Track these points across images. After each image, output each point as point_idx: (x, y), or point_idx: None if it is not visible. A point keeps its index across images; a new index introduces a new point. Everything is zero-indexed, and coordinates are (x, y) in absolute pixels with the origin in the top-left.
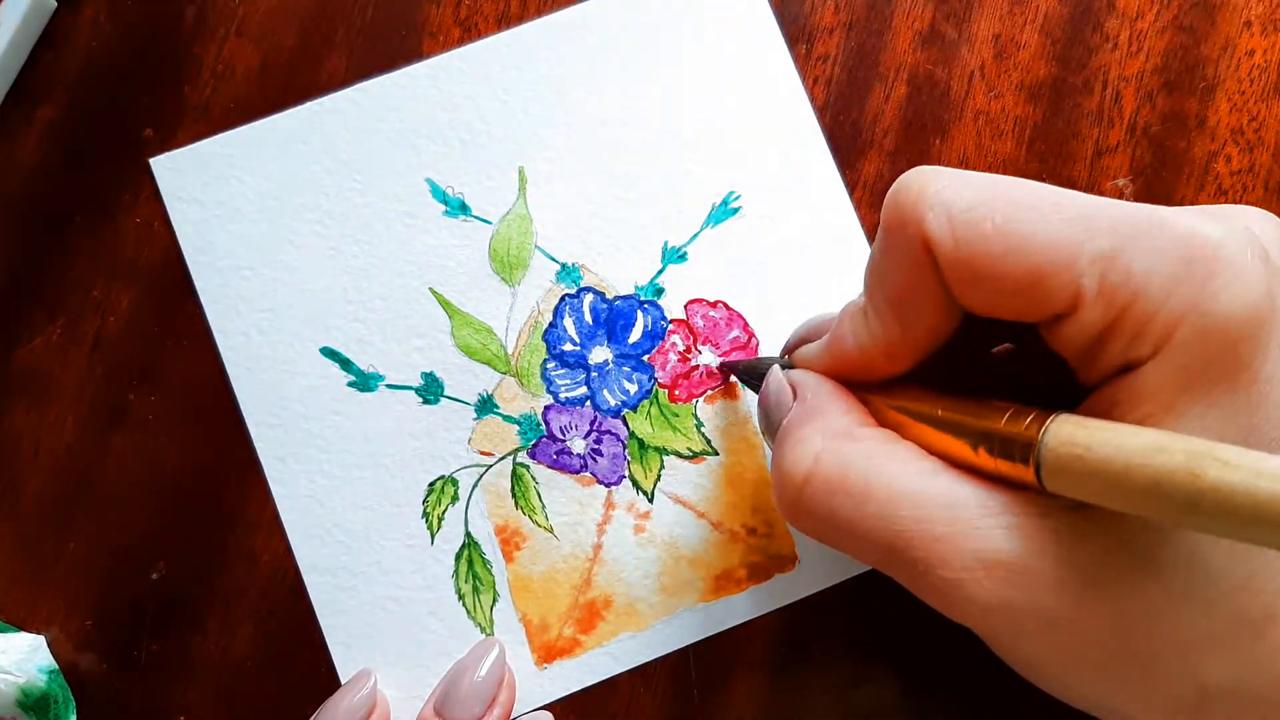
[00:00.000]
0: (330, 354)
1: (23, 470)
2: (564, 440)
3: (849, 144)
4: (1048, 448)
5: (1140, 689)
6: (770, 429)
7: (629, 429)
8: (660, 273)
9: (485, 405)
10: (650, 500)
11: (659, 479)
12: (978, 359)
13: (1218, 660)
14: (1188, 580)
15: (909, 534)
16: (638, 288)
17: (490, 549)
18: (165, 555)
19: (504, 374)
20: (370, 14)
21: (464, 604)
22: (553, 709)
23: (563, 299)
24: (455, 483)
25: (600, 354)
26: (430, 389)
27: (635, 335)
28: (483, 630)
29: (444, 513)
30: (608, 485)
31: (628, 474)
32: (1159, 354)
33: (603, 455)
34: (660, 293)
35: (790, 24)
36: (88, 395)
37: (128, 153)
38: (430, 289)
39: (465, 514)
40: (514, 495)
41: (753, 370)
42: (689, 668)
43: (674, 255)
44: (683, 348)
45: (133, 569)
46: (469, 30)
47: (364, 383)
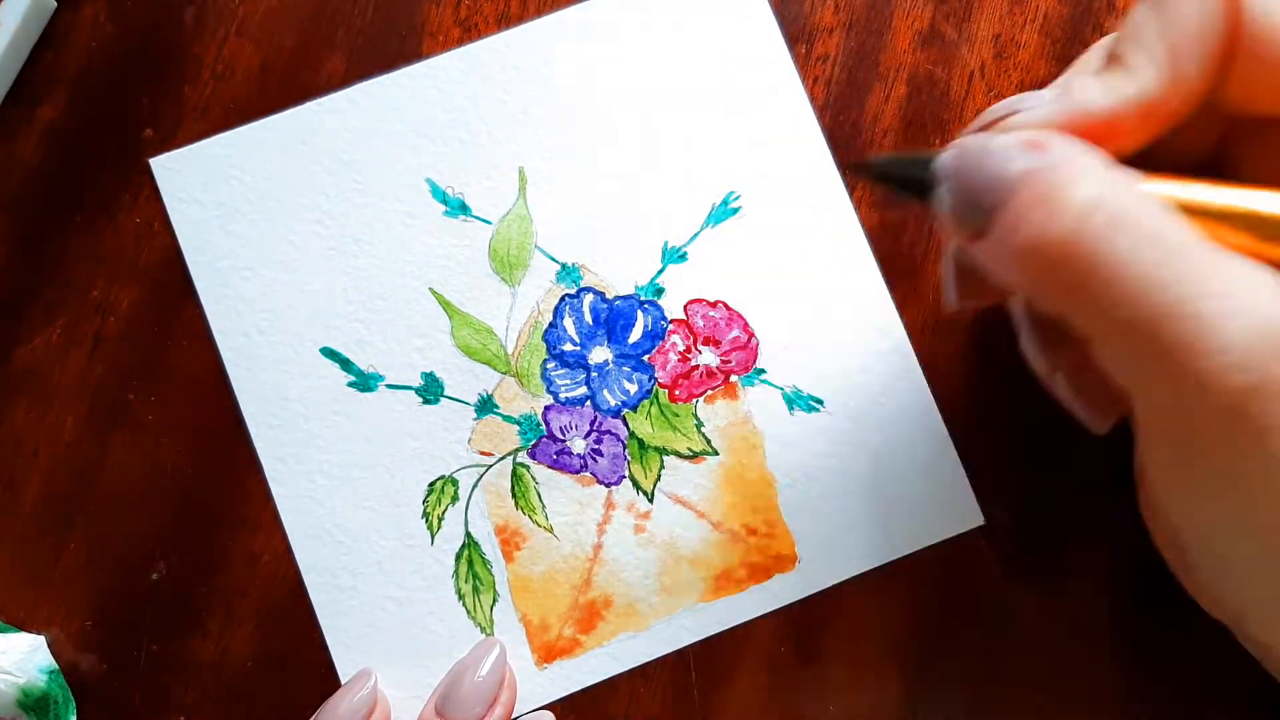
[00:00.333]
0: (330, 354)
1: (23, 470)
2: (564, 440)
3: (849, 144)
4: None
5: None
6: (971, 203)
7: (629, 429)
8: (660, 273)
9: (485, 405)
10: (650, 500)
11: (659, 479)
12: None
13: None
14: None
15: (1193, 289)
16: (638, 288)
17: (490, 549)
18: (165, 555)
19: (504, 374)
20: (370, 14)
21: (464, 604)
22: (553, 709)
23: (563, 299)
24: (455, 483)
25: (600, 354)
26: (430, 389)
27: (635, 335)
28: (483, 630)
29: (444, 513)
30: (608, 485)
31: (628, 474)
32: None
33: (603, 455)
34: (660, 293)
35: (790, 24)
36: (88, 395)
37: (128, 153)
38: (430, 289)
39: (465, 514)
40: (514, 495)
41: (907, 166)
42: (689, 668)
43: (674, 255)
44: (683, 348)
45: (133, 569)
46: (469, 30)
47: (364, 383)
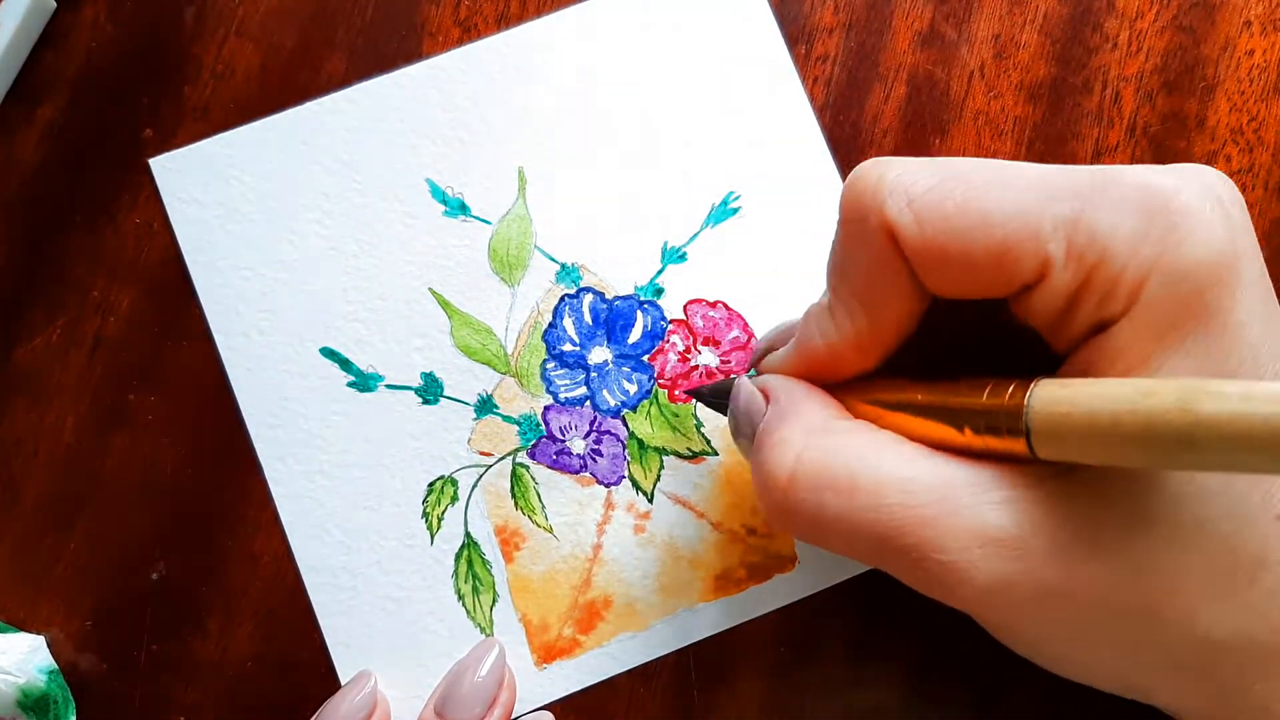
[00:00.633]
0: (330, 354)
1: (23, 470)
2: (564, 440)
3: (849, 144)
4: (1034, 411)
5: (1143, 651)
6: (746, 438)
7: (629, 429)
8: (660, 273)
9: (485, 405)
10: (650, 500)
11: (659, 479)
12: (945, 348)
13: (1216, 611)
14: (1176, 530)
15: (900, 521)
16: (638, 288)
17: (490, 549)
18: (165, 555)
19: (504, 374)
20: (370, 14)
21: (464, 604)
22: (553, 709)
23: (562, 299)
24: (455, 483)
25: (600, 354)
26: (430, 389)
27: (635, 335)
28: (482, 630)
29: (444, 513)
30: (607, 485)
31: (627, 474)
32: (1130, 310)
33: (602, 455)
34: (660, 293)
35: (790, 24)
36: (88, 395)
37: (128, 153)
38: (430, 289)
39: (465, 514)
40: (514, 495)
41: (720, 392)
42: (689, 668)
43: (674, 255)
44: (682, 348)
45: (133, 569)
46: (469, 30)
47: (364, 383)
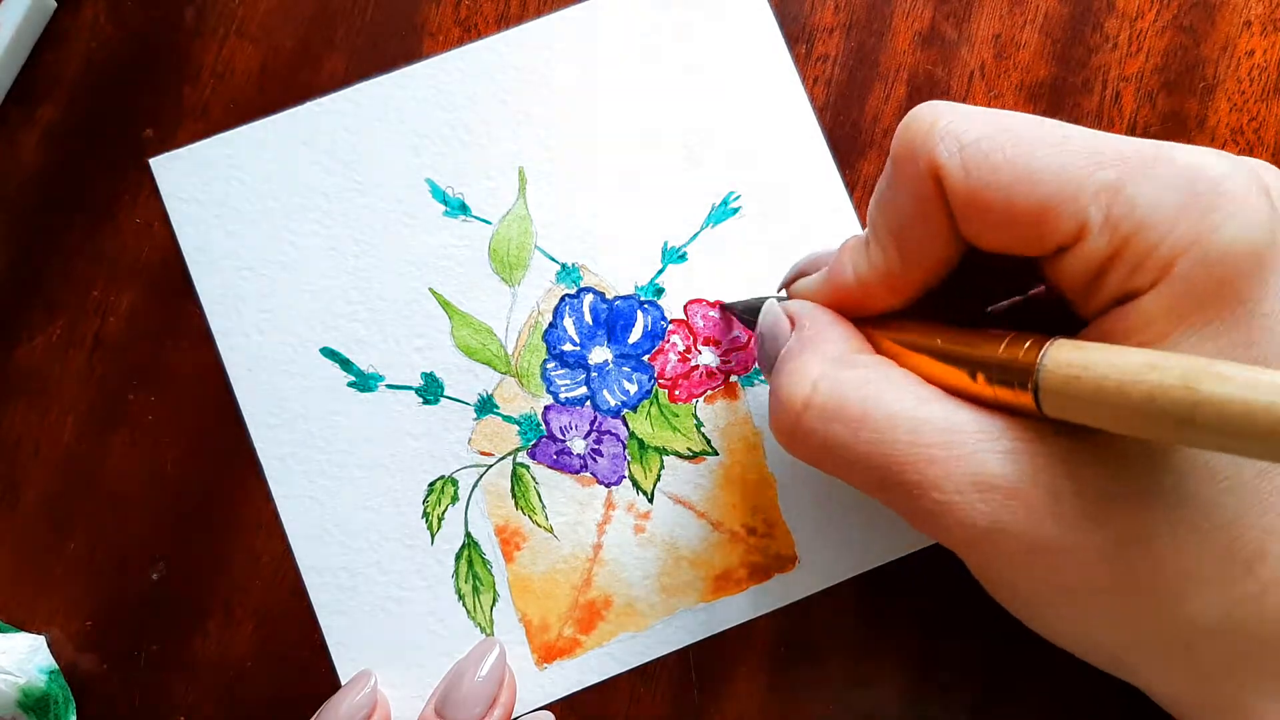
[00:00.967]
0: (330, 354)
1: (23, 470)
2: (564, 440)
3: (849, 144)
4: (1045, 369)
5: (1128, 624)
6: (767, 362)
7: (629, 429)
8: (660, 273)
9: (485, 405)
10: (650, 500)
11: (659, 479)
12: (971, 308)
13: (1208, 595)
14: (1180, 511)
15: (904, 457)
16: (638, 288)
17: (490, 549)
18: (165, 555)
19: (504, 374)
20: (370, 14)
21: (464, 604)
22: (553, 709)
23: (563, 299)
24: (455, 483)
25: (600, 354)
26: (430, 389)
27: (635, 335)
28: (483, 630)
29: (444, 513)
30: (608, 485)
31: (628, 474)
32: (1158, 284)
33: (603, 455)
34: (660, 293)
35: (790, 24)
36: (88, 395)
37: (128, 153)
38: (430, 289)
39: (465, 514)
40: (514, 495)
41: (751, 309)
42: (689, 668)
43: (674, 255)
44: (683, 348)
45: (133, 569)
46: (469, 30)
47: (364, 383)
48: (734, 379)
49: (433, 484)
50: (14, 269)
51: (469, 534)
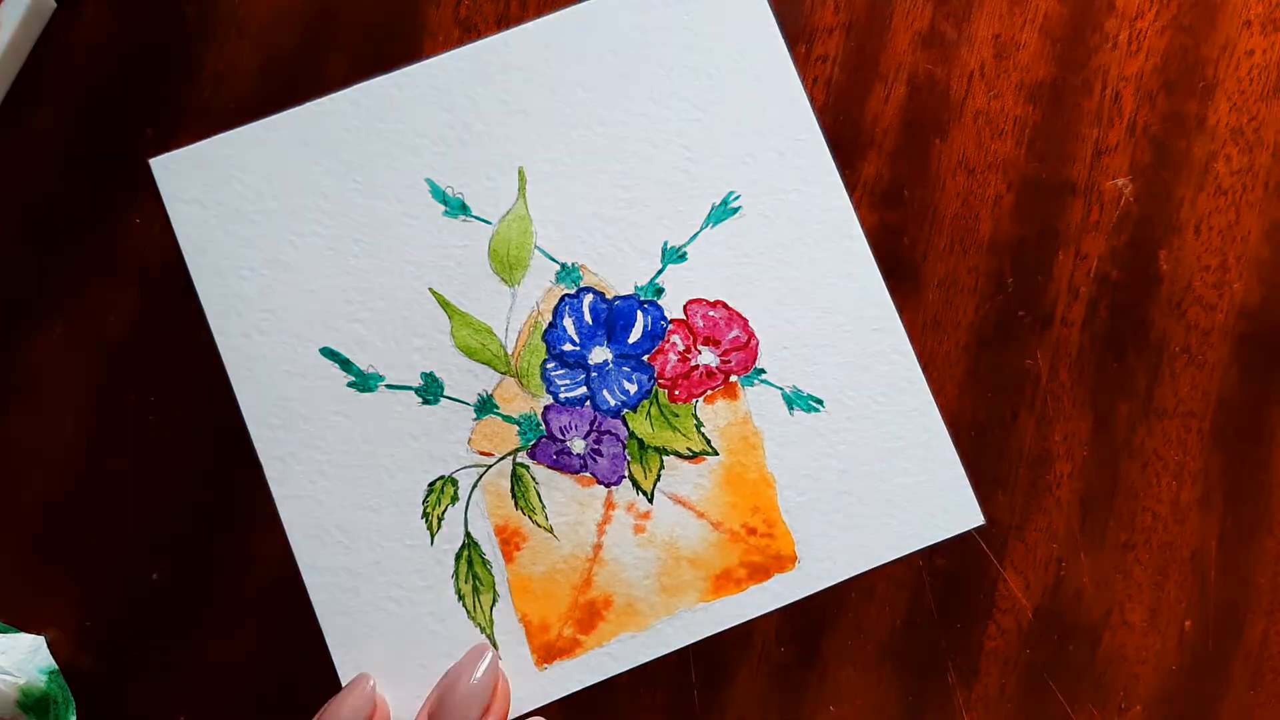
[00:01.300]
0: (330, 354)
1: (23, 471)
2: (564, 440)
3: (849, 144)
4: None
5: None
6: None
7: (629, 429)
8: (660, 273)
9: (485, 405)
10: (650, 500)
11: (659, 479)
12: None
13: None
14: None
15: None
16: (638, 288)
17: (490, 549)
18: (165, 555)
19: (504, 374)
20: (370, 14)
21: (464, 604)
22: (553, 709)
23: (562, 299)
24: (455, 483)
25: (600, 354)
26: (430, 389)
27: (635, 335)
28: (483, 630)
29: (444, 513)
30: (608, 485)
31: (628, 474)
32: None
33: (603, 455)
34: (660, 293)
35: (790, 24)
36: (88, 396)
37: (128, 153)
38: (430, 289)
39: (465, 514)
40: (514, 495)
41: None
42: (689, 668)
43: (674, 255)
44: (683, 348)
45: (133, 569)
46: (469, 30)
47: (364, 383)
48: (734, 379)
49: (433, 484)
50: (15, 269)
51: (469, 534)
